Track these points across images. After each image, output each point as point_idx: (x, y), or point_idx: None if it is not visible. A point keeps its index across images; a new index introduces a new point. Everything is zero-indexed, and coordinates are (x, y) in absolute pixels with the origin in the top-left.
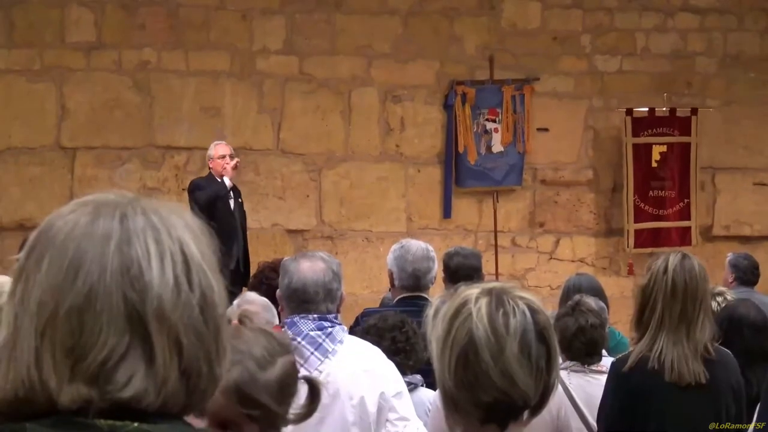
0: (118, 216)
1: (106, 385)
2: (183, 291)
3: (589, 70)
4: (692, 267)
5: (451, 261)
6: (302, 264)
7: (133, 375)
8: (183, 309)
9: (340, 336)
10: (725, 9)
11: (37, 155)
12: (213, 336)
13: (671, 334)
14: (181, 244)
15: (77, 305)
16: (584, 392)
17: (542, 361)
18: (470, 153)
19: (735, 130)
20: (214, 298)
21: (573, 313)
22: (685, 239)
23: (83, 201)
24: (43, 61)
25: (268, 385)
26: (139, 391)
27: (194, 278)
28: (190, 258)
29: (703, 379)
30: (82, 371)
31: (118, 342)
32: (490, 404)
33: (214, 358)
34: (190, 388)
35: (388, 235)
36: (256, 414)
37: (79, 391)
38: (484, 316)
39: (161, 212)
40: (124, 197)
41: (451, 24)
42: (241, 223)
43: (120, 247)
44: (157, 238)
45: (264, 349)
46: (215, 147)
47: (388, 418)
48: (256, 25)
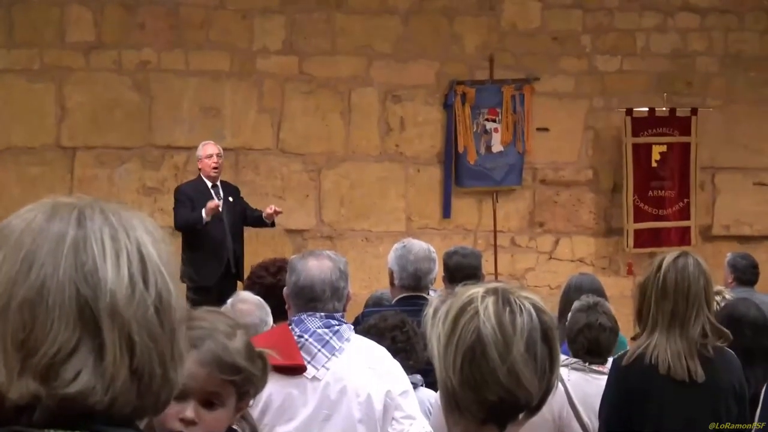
0: (76, 215)
1: (54, 380)
2: (138, 289)
3: (589, 69)
4: (685, 265)
5: (450, 260)
6: (310, 262)
7: (81, 371)
8: (137, 307)
9: (347, 334)
10: (725, 8)
11: (37, 155)
12: (168, 338)
13: (665, 331)
14: (139, 244)
15: (29, 298)
16: (582, 391)
17: (546, 362)
18: (470, 153)
19: (735, 129)
20: (171, 301)
21: (588, 311)
22: (684, 239)
23: (42, 201)
24: (43, 61)
25: (239, 350)
26: (86, 387)
27: (150, 278)
28: (147, 258)
29: (698, 376)
30: (32, 366)
31: (69, 337)
32: (495, 403)
33: (169, 360)
34: (142, 389)
35: (388, 235)
36: (237, 378)
37: (28, 387)
38: (491, 315)
39: (121, 214)
40: (84, 199)
41: (451, 24)
42: (232, 223)
43: (76, 243)
44: (113, 236)
45: (225, 324)
46: (203, 147)
47: (394, 416)
48: (256, 24)
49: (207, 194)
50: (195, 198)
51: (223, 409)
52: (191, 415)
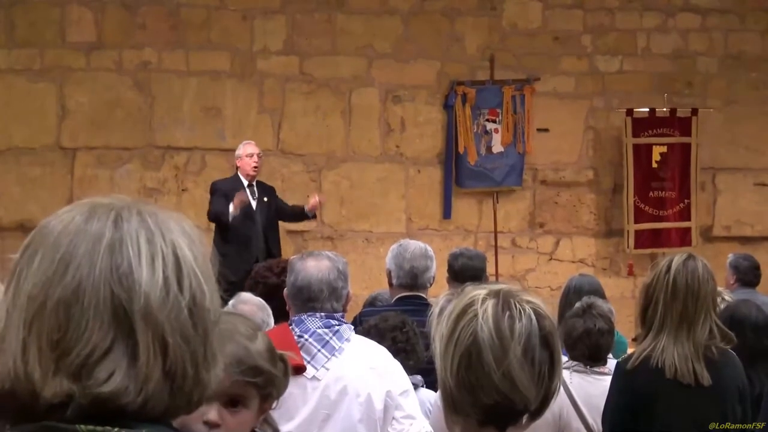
0: (113, 216)
1: (87, 380)
2: (172, 291)
3: (589, 70)
4: (695, 268)
5: (456, 262)
6: (308, 262)
7: (115, 371)
8: (171, 309)
9: (347, 334)
10: (726, 9)
11: (37, 155)
12: (201, 340)
13: (672, 333)
14: (175, 247)
15: (65, 299)
16: (585, 392)
17: (545, 367)
18: (470, 153)
19: (736, 130)
20: (205, 303)
21: (583, 315)
22: (685, 240)
23: (80, 202)
24: (44, 61)
25: (260, 352)
26: (119, 387)
27: (185, 280)
28: (183, 261)
29: (705, 379)
30: (66, 365)
31: (103, 338)
32: (490, 406)
33: (201, 362)
34: (174, 389)
35: (388, 235)
36: (259, 380)
37: (62, 385)
38: (489, 318)
39: (158, 216)
40: (122, 200)
41: (452, 24)
42: (265, 222)
43: (112, 245)
44: (149, 238)
45: (245, 326)
46: (244, 146)
47: (395, 416)
48: (257, 25)
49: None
50: (230, 195)
51: (246, 411)
52: (214, 417)
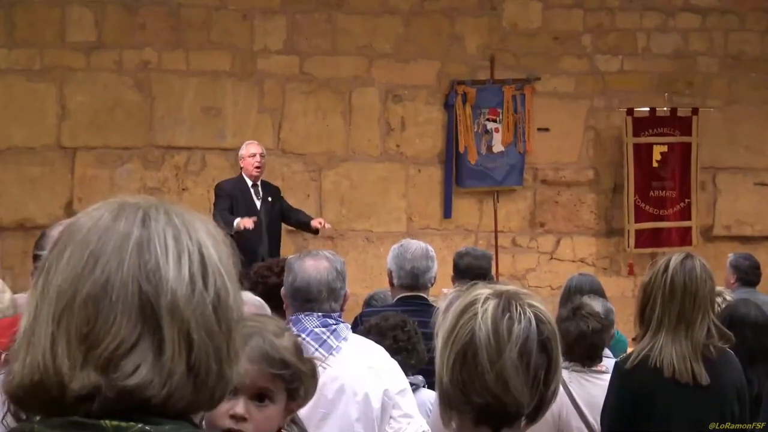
0: (141, 215)
1: (114, 372)
2: (197, 289)
3: (590, 69)
4: (693, 267)
5: (461, 261)
6: (306, 262)
7: (140, 365)
8: (196, 306)
9: (344, 333)
10: (726, 9)
11: (37, 155)
12: (225, 337)
13: (670, 333)
14: (200, 245)
15: (94, 293)
16: (584, 392)
17: (541, 372)
18: (471, 153)
19: (736, 130)
20: (229, 301)
21: (574, 318)
22: (685, 239)
23: (109, 201)
24: (44, 61)
25: (286, 347)
26: (144, 380)
27: (210, 279)
28: (208, 259)
29: (703, 379)
30: (93, 358)
31: (130, 332)
32: (482, 406)
33: (225, 358)
34: (198, 384)
35: (389, 235)
36: (286, 373)
37: (89, 378)
38: (488, 318)
39: (184, 216)
40: (149, 200)
41: (452, 24)
42: (270, 223)
43: (140, 242)
44: (176, 236)
45: (274, 324)
46: (246, 146)
47: (392, 414)
48: (257, 25)
49: (247, 193)
50: (234, 196)
51: (273, 406)
52: (242, 410)
